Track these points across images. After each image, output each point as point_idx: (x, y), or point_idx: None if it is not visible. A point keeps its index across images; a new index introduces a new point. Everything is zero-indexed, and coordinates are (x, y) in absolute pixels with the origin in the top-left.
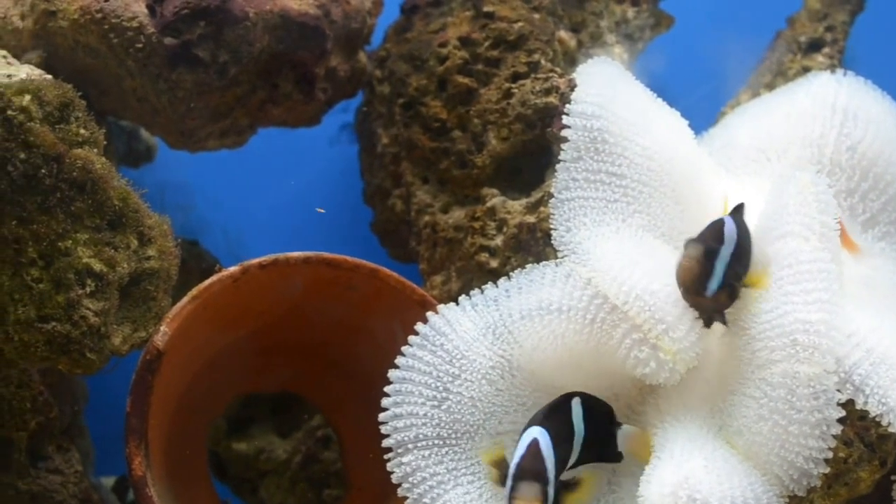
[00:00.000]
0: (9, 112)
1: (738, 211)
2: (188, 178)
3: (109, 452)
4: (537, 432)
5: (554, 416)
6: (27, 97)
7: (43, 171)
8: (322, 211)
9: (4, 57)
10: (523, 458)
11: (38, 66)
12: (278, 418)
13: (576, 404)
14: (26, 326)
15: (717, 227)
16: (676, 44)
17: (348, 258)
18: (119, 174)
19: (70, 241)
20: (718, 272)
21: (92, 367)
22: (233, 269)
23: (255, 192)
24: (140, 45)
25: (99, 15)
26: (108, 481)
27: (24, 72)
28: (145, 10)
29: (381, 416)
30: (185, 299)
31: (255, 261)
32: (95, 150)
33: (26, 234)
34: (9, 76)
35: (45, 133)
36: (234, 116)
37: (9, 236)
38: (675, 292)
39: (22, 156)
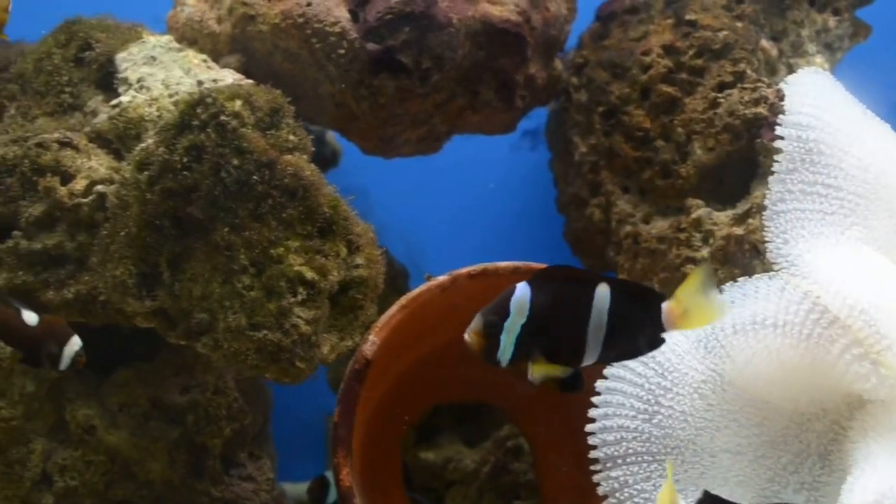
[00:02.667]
0: (222, 117)
1: (543, 277)
2: (366, 184)
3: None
4: None
5: None
6: (238, 102)
7: (255, 177)
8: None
9: (205, 61)
10: None
11: (237, 70)
12: (465, 427)
13: None
14: (237, 334)
15: (503, 298)
16: (872, 53)
17: None
18: (327, 181)
19: (282, 249)
20: (506, 344)
21: (300, 376)
22: (442, 278)
23: (433, 199)
24: (342, 51)
25: (301, 20)
26: (288, 487)
27: (229, 76)
28: (347, 16)
29: (590, 428)
30: (393, 308)
31: (464, 270)
32: (305, 157)
33: (238, 241)
34: (214, 80)
35: (257, 139)
36: (432, 123)
37: (221, 243)
38: None
39: (235, 162)
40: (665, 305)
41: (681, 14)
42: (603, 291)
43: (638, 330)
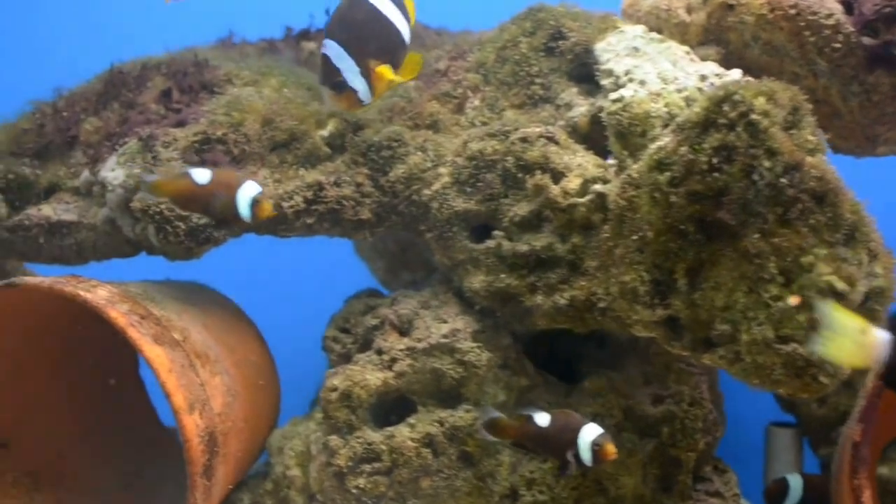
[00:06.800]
0: (752, 116)
1: None
2: None
3: None
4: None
5: None
6: (762, 99)
7: (784, 180)
8: None
9: (688, 53)
10: None
11: (717, 62)
12: None
13: None
14: (763, 347)
15: None
16: None
17: None
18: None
19: (811, 257)
20: None
21: (820, 392)
22: None
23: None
24: (837, 45)
25: (793, 11)
26: None
27: (733, 72)
28: (840, 7)
29: None
30: None
31: None
32: (824, 158)
33: (767, 249)
34: (717, 75)
35: (785, 139)
36: None
37: (750, 250)
38: None
39: (766, 164)
40: None
41: None
42: None
43: None
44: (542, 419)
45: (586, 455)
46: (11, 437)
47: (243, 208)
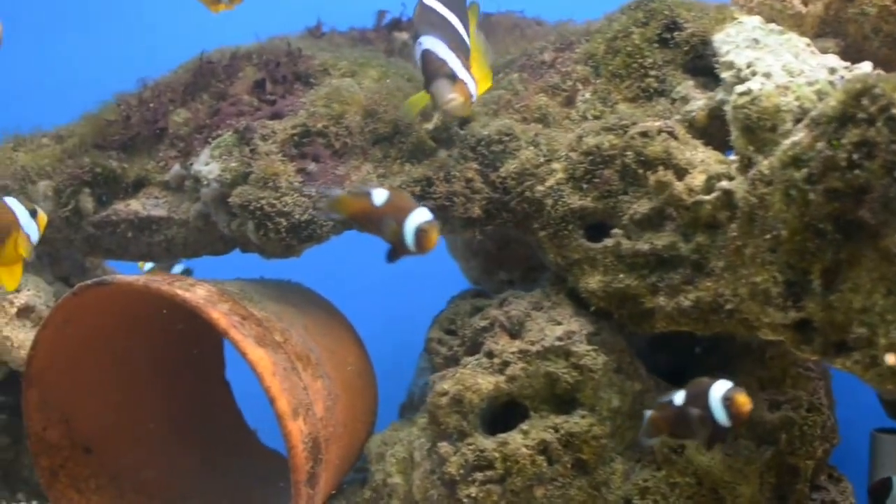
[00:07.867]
0: (893, 110)
1: None
2: None
3: None
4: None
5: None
6: None
7: None
8: None
9: (808, 45)
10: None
11: (836, 55)
12: None
13: None
14: None
15: None
16: None
17: None
18: None
19: None
20: None
21: None
22: None
23: None
24: None
25: None
26: None
27: (846, 63)
28: None
29: None
30: None
31: None
32: None
33: None
34: (846, 68)
35: None
36: None
37: (891, 250)
38: None
39: None
40: None
41: None
42: None
43: None
44: (679, 398)
45: (720, 415)
46: (96, 441)
47: (408, 236)
